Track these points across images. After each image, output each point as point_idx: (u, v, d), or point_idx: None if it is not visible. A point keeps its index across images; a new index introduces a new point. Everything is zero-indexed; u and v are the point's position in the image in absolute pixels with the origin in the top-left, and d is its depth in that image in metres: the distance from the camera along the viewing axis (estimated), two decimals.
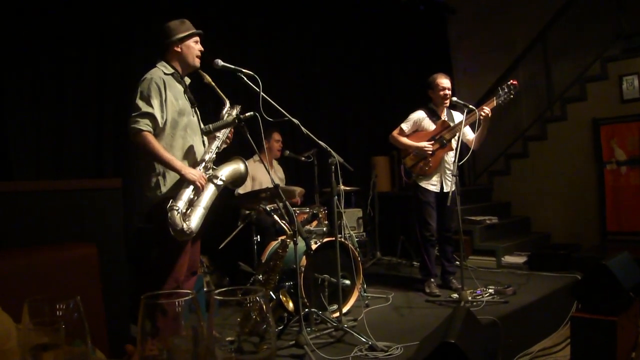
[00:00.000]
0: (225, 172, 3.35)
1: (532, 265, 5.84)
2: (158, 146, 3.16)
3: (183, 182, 3.19)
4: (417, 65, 8.15)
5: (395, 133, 5.07)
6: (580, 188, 6.85)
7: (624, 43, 6.73)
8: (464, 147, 4.73)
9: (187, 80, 3.50)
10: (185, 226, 3.02)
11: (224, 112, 3.50)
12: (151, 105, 3.15)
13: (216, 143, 3.45)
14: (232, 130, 3.56)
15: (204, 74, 3.43)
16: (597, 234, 6.67)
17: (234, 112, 3.50)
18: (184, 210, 3.08)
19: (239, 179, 3.49)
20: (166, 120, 3.24)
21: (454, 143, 4.84)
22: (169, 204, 3.05)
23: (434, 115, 5.01)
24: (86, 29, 4.82)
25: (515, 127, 7.87)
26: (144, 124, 3.14)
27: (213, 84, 3.42)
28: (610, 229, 6.55)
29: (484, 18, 8.42)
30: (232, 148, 3.74)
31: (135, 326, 0.90)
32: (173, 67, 3.39)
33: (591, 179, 6.76)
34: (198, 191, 3.19)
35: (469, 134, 4.91)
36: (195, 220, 3.09)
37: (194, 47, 3.42)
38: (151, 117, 3.15)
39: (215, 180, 3.26)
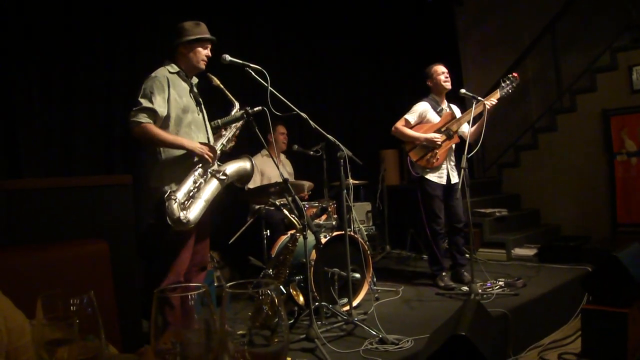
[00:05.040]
0: (230, 168, 3.38)
1: (542, 258, 5.81)
2: (158, 130, 3.22)
3: (185, 173, 3.24)
4: (425, 57, 8.05)
5: (399, 125, 4.97)
6: (590, 179, 6.81)
7: (633, 33, 6.67)
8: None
9: (195, 80, 3.54)
10: (182, 215, 3.04)
11: (233, 113, 3.53)
12: (152, 102, 3.21)
13: (222, 140, 3.48)
14: (237, 132, 3.58)
15: (213, 77, 3.44)
16: (607, 225, 6.63)
17: (244, 111, 3.52)
18: (183, 201, 3.11)
19: (244, 176, 3.52)
20: (170, 116, 3.29)
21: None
22: (167, 194, 3.09)
23: (437, 106, 5.00)
24: (94, 27, 4.84)
25: (524, 119, 7.83)
26: (143, 117, 3.20)
27: (222, 86, 3.43)
28: (621, 221, 6.51)
29: (492, 9, 8.38)
30: (241, 143, 3.75)
31: (147, 322, 0.91)
32: (179, 67, 3.42)
33: (601, 171, 6.72)
34: (206, 166, 3.25)
35: (464, 128, 4.90)
36: (194, 212, 3.13)
37: (201, 52, 3.45)
38: (151, 111, 3.21)
39: (218, 175, 3.28)
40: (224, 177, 3.31)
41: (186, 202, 3.14)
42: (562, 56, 7.39)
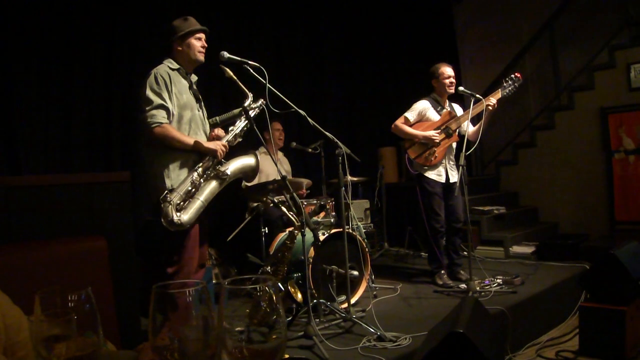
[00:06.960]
0: (233, 167, 3.39)
1: (540, 255, 5.82)
2: (177, 132, 3.28)
3: (185, 174, 3.27)
4: (423, 55, 8.10)
5: (399, 122, 4.97)
6: (588, 177, 6.82)
7: (631, 31, 6.66)
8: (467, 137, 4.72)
9: (194, 78, 3.56)
10: (175, 217, 3.07)
11: (246, 105, 3.49)
12: (162, 98, 3.23)
13: (229, 136, 3.48)
14: (246, 127, 3.56)
15: (225, 68, 3.40)
16: (605, 223, 6.64)
17: (258, 104, 3.52)
18: (178, 202, 3.13)
19: (249, 172, 3.53)
20: (172, 114, 3.30)
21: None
22: (163, 195, 3.13)
23: (438, 105, 4.99)
24: (93, 24, 4.84)
25: (522, 117, 7.83)
26: (161, 117, 3.23)
27: (235, 77, 3.41)
28: (619, 219, 6.51)
29: (490, 6, 8.37)
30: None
31: (145, 319, 0.91)
32: (179, 64, 3.44)
33: (599, 168, 6.72)
34: (207, 165, 3.30)
35: (466, 126, 4.90)
36: (190, 212, 3.16)
37: (195, 44, 3.46)
38: (165, 109, 3.25)
39: (219, 175, 3.30)
40: (225, 177, 3.32)
41: (182, 202, 3.16)
42: (560, 54, 7.40)
